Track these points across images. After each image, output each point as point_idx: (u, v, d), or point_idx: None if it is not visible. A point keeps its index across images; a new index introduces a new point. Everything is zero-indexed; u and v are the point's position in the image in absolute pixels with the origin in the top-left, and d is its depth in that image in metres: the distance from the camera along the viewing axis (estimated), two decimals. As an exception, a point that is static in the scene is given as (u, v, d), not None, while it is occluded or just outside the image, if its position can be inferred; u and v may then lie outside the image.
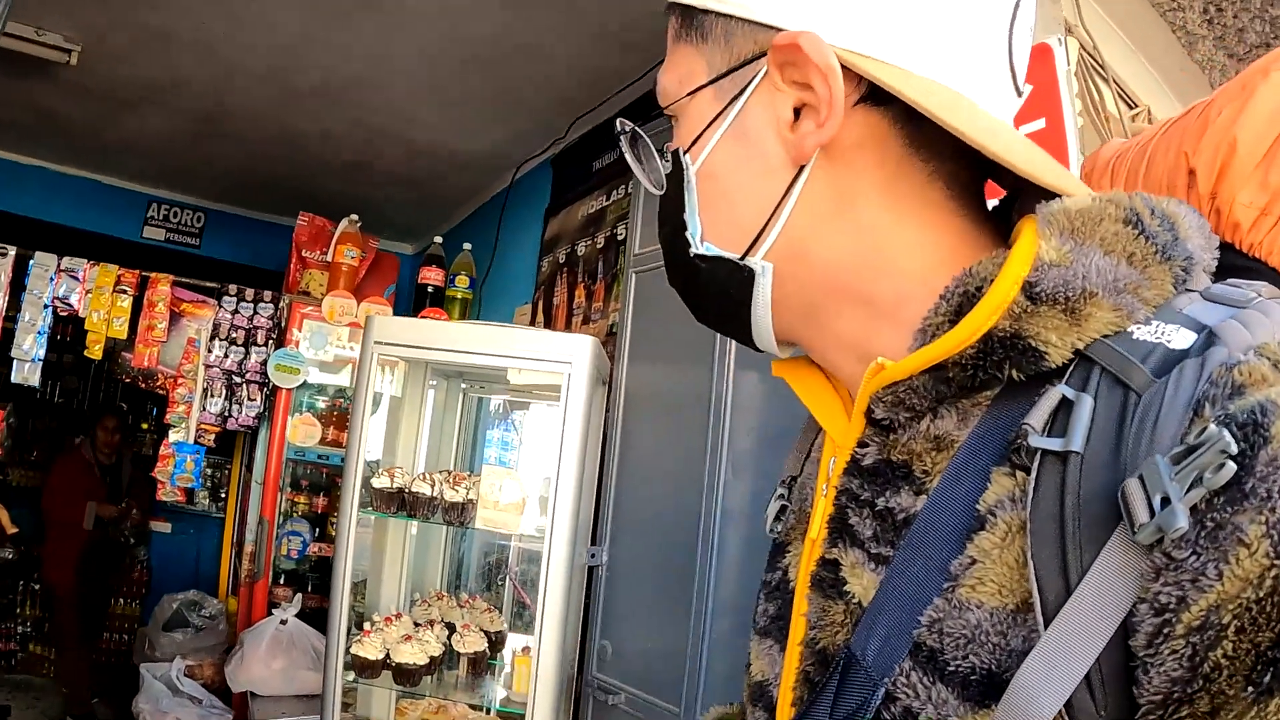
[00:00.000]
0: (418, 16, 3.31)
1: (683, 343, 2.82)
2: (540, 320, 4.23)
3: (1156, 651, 0.49)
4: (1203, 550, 0.48)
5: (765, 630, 0.83)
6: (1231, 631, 0.47)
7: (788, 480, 0.91)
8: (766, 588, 0.86)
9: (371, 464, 3.20)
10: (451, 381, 3.62)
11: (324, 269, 4.90)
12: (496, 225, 4.86)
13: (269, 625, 3.94)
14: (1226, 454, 0.48)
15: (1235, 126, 0.74)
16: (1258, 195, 0.72)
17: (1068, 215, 0.63)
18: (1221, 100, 0.78)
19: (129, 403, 7.17)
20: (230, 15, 3.43)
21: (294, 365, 4.42)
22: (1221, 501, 0.48)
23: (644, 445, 3.01)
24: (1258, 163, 0.73)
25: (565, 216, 4.19)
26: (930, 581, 0.60)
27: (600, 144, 3.95)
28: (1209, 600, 0.48)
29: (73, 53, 3.79)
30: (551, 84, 3.76)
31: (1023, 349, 0.60)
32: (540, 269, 4.36)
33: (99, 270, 4.46)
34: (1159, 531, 0.49)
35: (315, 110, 4.28)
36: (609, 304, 3.61)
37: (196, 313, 4.65)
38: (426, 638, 2.87)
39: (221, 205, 6.07)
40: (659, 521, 2.85)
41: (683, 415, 2.79)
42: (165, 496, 4.55)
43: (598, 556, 3.02)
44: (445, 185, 5.20)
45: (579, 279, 3.93)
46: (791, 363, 0.85)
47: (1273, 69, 0.75)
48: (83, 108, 4.55)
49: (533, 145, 4.42)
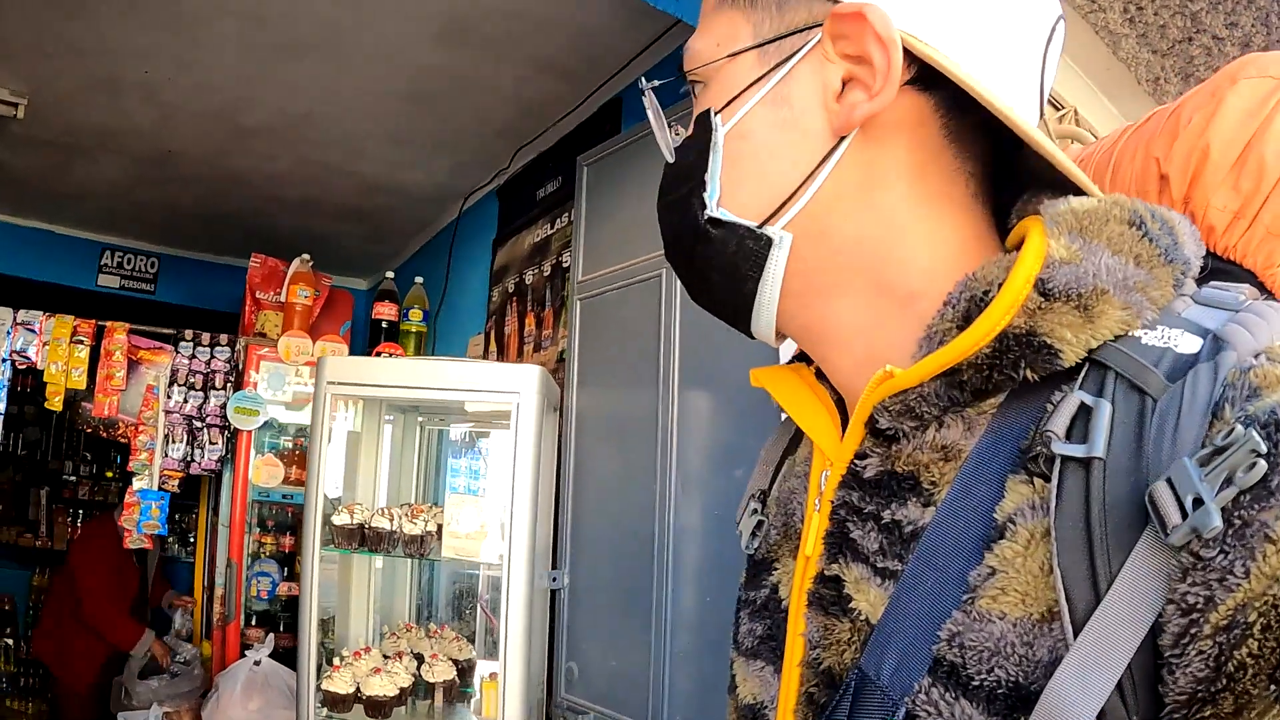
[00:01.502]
0: (358, 53, 3.35)
1: (629, 366, 2.87)
2: (494, 349, 4.27)
3: (1183, 652, 0.50)
4: (1230, 549, 0.48)
5: (754, 651, 0.81)
6: (1258, 630, 0.47)
7: (758, 494, 0.89)
8: (750, 606, 0.84)
9: (334, 501, 3.24)
10: (408, 415, 3.66)
11: (279, 309, 4.90)
12: (447, 257, 4.89)
13: (243, 667, 3.95)
14: (1257, 453, 0.48)
15: (1207, 133, 0.75)
16: (1231, 199, 0.74)
17: (1075, 215, 0.64)
18: (1190, 107, 0.79)
19: (92, 451, 7.14)
20: (175, 59, 3.46)
21: (253, 407, 4.44)
22: (1248, 500, 0.49)
23: (598, 469, 3.05)
24: (1230, 168, 0.74)
25: (512, 246, 4.24)
26: (946, 594, 0.60)
27: (543, 173, 4.01)
28: (1236, 599, 0.48)
29: (19, 105, 3.80)
30: (492, 115, 3.81)
31: (1038, 346, 0.60)
32: (491, 299, 4.40)
33: (55, 321, 4.46)
34: (1193, 532, 0.49)
35: (263, 149, 4.30)
36: (558, 331, 3.66)
37: (154, 359, 4.65)
38: (395, 669, 2.91)
39: (175, 250, 6.05)
40: (616, 542, 2.89)
41: (632, 437, 2.83)
42: (132, 544, 4.54)
43: (559, 580, 3.06)
44: (395, 219, 5.23)
45: (529, 307, 3.97)
46: (773, 372, 0.85)
47: (1240, 76, 0.76)
48: (33, 159, 4.55)
49: (478, 176, 4.46)
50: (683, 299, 2.64)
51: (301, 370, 4.51)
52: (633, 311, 2.88)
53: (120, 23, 3.20)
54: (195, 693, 4.56)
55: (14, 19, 3.19)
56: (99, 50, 3.42)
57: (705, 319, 0.84)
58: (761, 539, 0.85)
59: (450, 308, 4.86)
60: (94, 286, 5.82)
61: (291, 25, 3.18)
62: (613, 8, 2.94)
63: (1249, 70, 0.76)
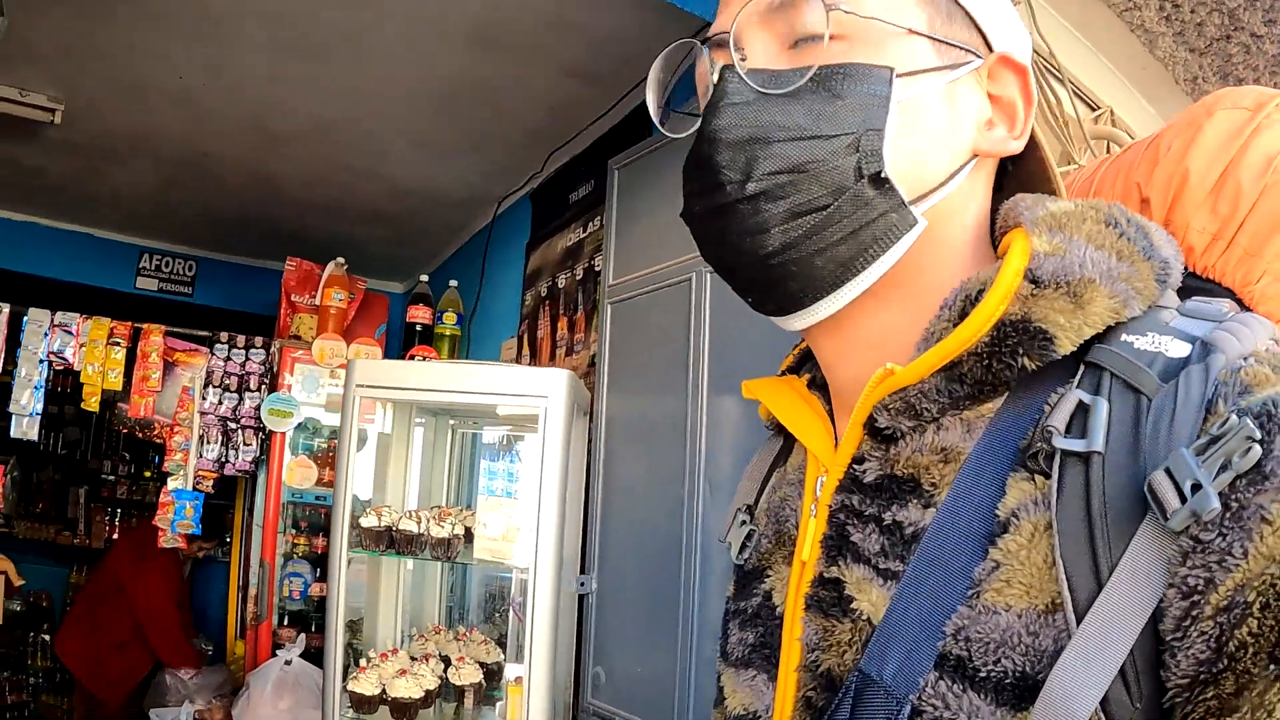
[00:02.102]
0: (388, 59, 3.38)
1: (658, 370, 2.87)
2: (526, 353, 4.28)
3: (1185, 635, 0.51)
4: (1228, 530, 0.51)
5: (744, 660, 0.82)
6: (1257, 609, 0.49)
7: (745, 508, 0.92)
8: (740, 616, 0.85)
9: (364, 502, 3.26)
10: (439, 418, 3.67)
11: (313, 312, 4.95)
12: (481, 261, 4.92)
13: (274, 666, 3.98)
14: (1252, 439, 0.51)
15: (1186, 159, 0.79)
16: (1209, 222, 0.77)
17: (1051, 215, 0.69)
18: (1170, 136, 0.83)
19: (131, 451, 7.21)
20: (206, 65, 3.51)
21: (287, 409, 4.47)
22: (1244, 484, 0.51)
23: (627, 473, 3.05)
24: (1208, 192, 0.78)
25: (545, 250, 4.25)
26: (951, 590, 0.61)
27: (575, 177, 4.02)
28: (1235, 579, 0.50)
29: (56, 111, 3.86)
30: (523, 119, 3.83)
31: (1034, 332, 0.63)
32: (524, 302, 4.42)
33: (92, 324, 4.52)
34: (1193, 515, 0.52)
35: (295, 154, 4.35)
36: (590, 335, 3.66)
37: (189, 361, 4.70)
38: (421, 672, 2.91)
39: (212, 253, 6.12)
40: (644, 547, 2.89)
41: (661, 442, 2.83)
42: (166, 544, 4.59)
43: (587, 584, 3.06)
44: (429, 223, 5.26)
45: (561, 311, 3.99)
46: (765, 383, 0.89)
47: (1217, 108, 0.80)
48: (70, 163, 4.63)
49: (512, 181, 4.48)
50: (713, 303, 2.63)
51: (336, 372, 4.53)
52: (662, 316, 2.87)
53: (151, 30, 3.26)
54: (226, 689, 4.60)
55: (48, 27, 3.25)
56: (131, 57, 3.47)
57: (734, 323, 0.82)
58: (752, 549, 0.87)
59: (484, 311, 4.89)
60: (133, 289, 5.90)
61: (320, 31, 3.21)
62: (639, 12, 2.95)
63: (1225, 103, 0.81)
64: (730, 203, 0.71)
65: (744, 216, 0.71)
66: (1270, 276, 0.74)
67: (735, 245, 0.72)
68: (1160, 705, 0.53)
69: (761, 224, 0.70)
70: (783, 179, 0.69)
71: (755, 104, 0.71)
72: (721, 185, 0.71)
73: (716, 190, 0.71)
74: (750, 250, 0.71)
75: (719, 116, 0.71)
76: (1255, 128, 0.77)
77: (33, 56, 3.49)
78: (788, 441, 0.93)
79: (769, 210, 0.70)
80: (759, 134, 0.70)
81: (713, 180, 0.71)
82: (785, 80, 0.71)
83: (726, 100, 0.72)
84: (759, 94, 0.71)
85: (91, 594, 5.40)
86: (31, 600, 6.21)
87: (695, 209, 0.75)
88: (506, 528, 2.92)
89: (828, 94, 0.70)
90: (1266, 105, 0.79)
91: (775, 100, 0.71)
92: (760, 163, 0.70)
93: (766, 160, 0.69)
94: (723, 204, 0.71)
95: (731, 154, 0.71)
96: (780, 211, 0.70)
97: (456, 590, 3.85)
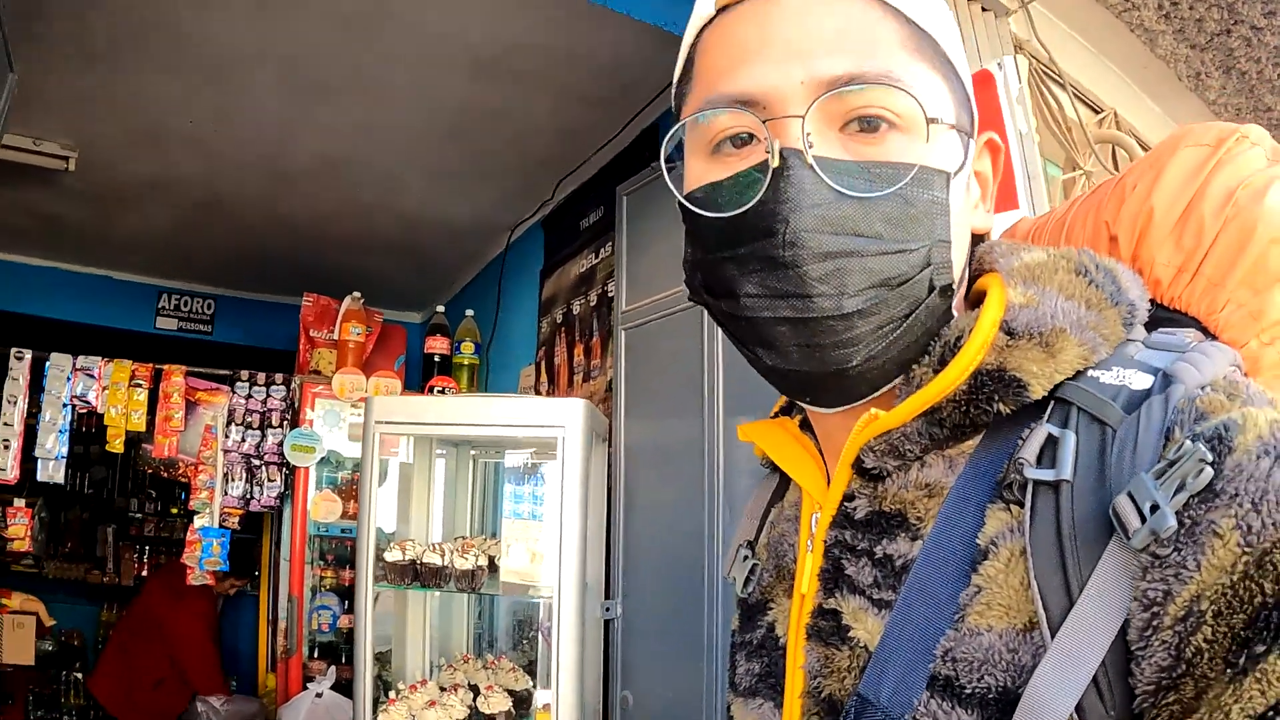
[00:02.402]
0: (393, 93, 3.42)
1: (674, 395, 2.89)
2: (544, 380, 4.30)
3: (1147, 644, 0.55)
4: (1183, 546, 0.54)
5: (752, 690, 0.85)
6: (1210, 616, 0.52)
7: (746, 544, 0.95)
8: (747, 648, 0.87)
9: (388, 536, 3.28)
10: (460, 449, 3.70)
11: (332, 347, 4.99)
12: (497, 289, 4.95)
13: (305, 699, 4.00)
14: (1204, 462, 0.55)
15: (1151, 197, 0.82)
16: (1174, 256, 0.80)
17: (1026, 267, 0.73)
18: (1135, 175, 0.86)
19: (157, 489, 7.26)
20: (215, 109, 3.56)
21: (309, 444, 4.51)
22: (1197, 502, 0.55)
23: (647, 498, 3.07)
24: (1172, 227, 0.80)
25: (559, 277, 4.28)
26: (939, 616, 0.64)
27: (585, 203, 4.04)
28: (1191, 590, 0.53)
29: (70, 159, 3.93)
30: (531, 147, 3.86)
31: (1008, 380, 0.67)
32: (541, 329, 4.44)
33: (114, 366, 4.57)
34: (1152, 534, 0.55)
35: (308, 190, 4.39)
36: (606, 360, 3.68)
37: (211, 400, 4.74)
38: (450, 702, 2.92)
39: (230, 290, 6.16)
40: (667, 572, 2.90)
41: (680, 466, 2.85)
42: (195, 580, 4.62)
43: (612, 610, 3.08)
44: (444, 253, 5.29)
45: (577, 337, 4.01)
46: (760, 426, 0.92)
47: (1181, 146, 0.83)
48: (85, 209, 4.69)
49: (523, 208, 4.51)
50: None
51: (357, 405, 4.56)
52: (676, 340, 2.90)
53: (161, 77, 3.31)
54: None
55: (60, 76, 3.31)
56: (142, 104, 3.53)
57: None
58: (755, 583, 0.90)
59: (502, 339, 4.91)
60: (153, 329, 5.94)
61: (326, 70, 3.26)
62: (638, 38, 2.96)
63: (1187, 140, 0.84)
64: (821, 318, 0.69)
65: (835, 333, 0.69)
66: (1233, 305, 0.77)
67: (820, 359, 0.71)
68: (1131, 710, 0.55)
69: (852, 339, 0.69)
70: (872, 295, 0.68)
71: (833, 204, 0.68)
72: (811, 298, 0.68)
73: (803, 301, 0.69)
74: (834, 362, 0.70)
75: (799, 216, 0.67)
76: (1216, 163, 0.80)
77: (46, 106, 3.54)
78: (783, 479, 0.96)
79: (861, 327, 0.69)
80: (849, 247, 0.68)
81: (798, 290, 0.68)
82: (862, 182, 0.69)
83: (805, 196, 0.67)
84: (837, 194, 0.68)
85: (125, 632, 5.41)
86: (63, 639, 6.23)
87: (761, 314, 0.71)
88: (532, 552, 2.94)
89: (901, 200, 0.69)
90: (1226, 140, 0.81)
91: (853, 202, 0.68)
92: (853, 276, 0.68)
93: (859, 275, 0.68)
94: (810, 318, 0.69)
95: (821, 266, 0.68)
96: (870, 328, 0.69)
97: (485, 618, 3.87)
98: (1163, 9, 2.86)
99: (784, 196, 0.67)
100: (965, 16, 2.34)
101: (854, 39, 0.70)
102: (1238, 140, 0.81)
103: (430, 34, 3.02)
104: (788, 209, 0.67)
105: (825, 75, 0.69)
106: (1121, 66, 3.10)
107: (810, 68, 0.69)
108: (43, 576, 6.65)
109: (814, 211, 0.67)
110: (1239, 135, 0.81)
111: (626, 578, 3.10)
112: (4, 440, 4.37)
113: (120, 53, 3.15)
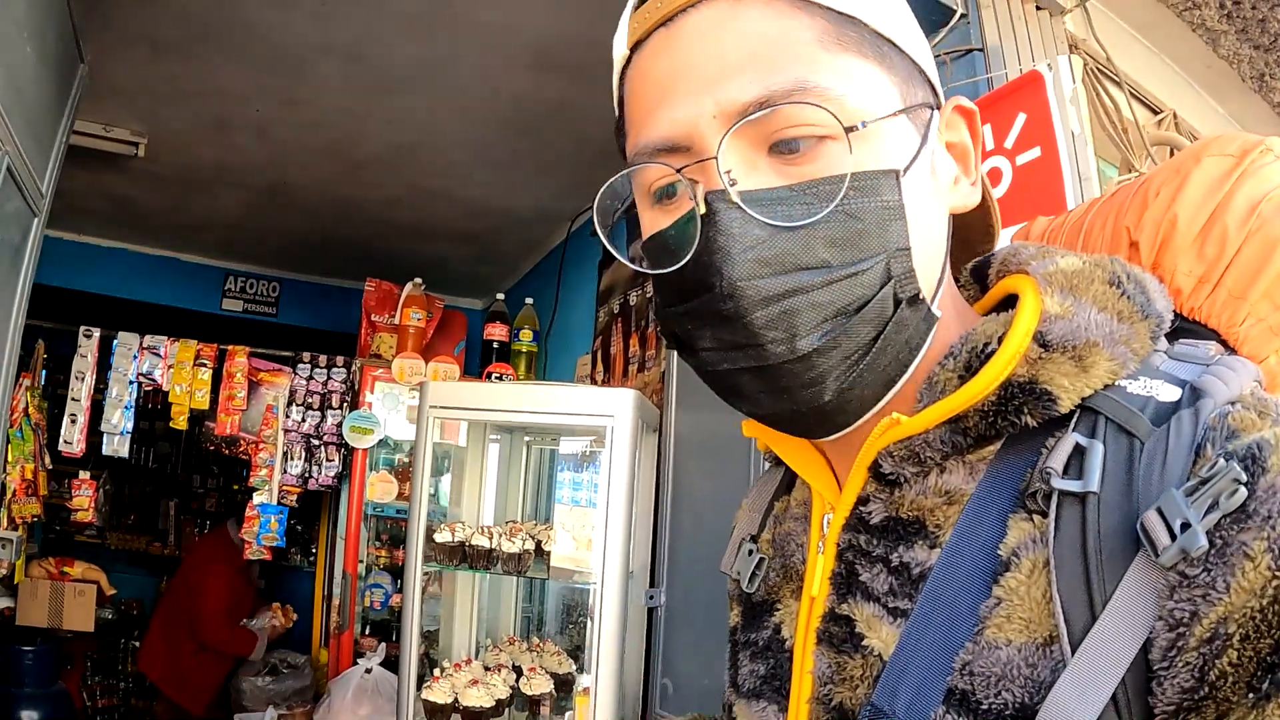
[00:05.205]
0: (455, 85, 3.48)
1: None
2: (600, 369, 4.35)
3: (1171, 664, 0.53)
4: (1213, 566, 0.53)
5: (755, 692, 0.83)
6: (1237, 640, 0.51)
7: (749, 538, 0.92)
8: (751, 647, 0.85)
9: (442, 516, 3.35)
10: (514, 435, 3.76)
11: (393, 331, 5.08)
12: (557, 278, 4.99)
13: (354, 674, 4.08)
14: (1238, 482, 0.53)
15: (1174, 205, 0.80)
16: (1195, 265, 0.78)
17: (1064, 275, 0.70)
18: (1158, 182, 0.84)
19: (220, 465, 7.41)
20: (282, 98, 3.65)
21: (368, 426, 4.60)
22: (1229, 523, 0.53)
23: (695, 488, 3.09)
24: (1195, 236, 0.79)
25: (617, 267, 4.32)
26: (958, 628, 0.62)
27: (644, 194, 4.05)
28: (1219, 612, 0.52)
29: (139, 144, 4.06)
30: (591, 138, 3.88)
31: (1039, 394, 0.64)
32: (598, 319, 4.49)
33: (179, 346, 4.71)
34: (1181, 552, 0.53)
35: (372, 178, 4.47)
36: (660, 351, 3.72)
37: (273, 380, 4.86)
38: (493, 681, 2.98)
39: (295, 274, 6.29)
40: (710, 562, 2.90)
41: (728, 457, 2.85)
42: (252, 555, 4.74)
43: (656, 598, 3.11)
44: (506, 242, 5.35)
45: (632, 328, 4.05)
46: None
47: (1204, 155, 0.82)
48: (155, 192, 4.81)
49: (584, 198, 4.53)
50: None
51: (415, 389, 4.63)
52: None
53: (229, 67, 3.40)
54: (307, 695, 4.73)
55: (130, 65, 3.42)
56: (210, 92, 3.63)
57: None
58: (761, 579, 0.87)
59: (560, 328, 4.96)
60: (219, 310, 6.08)
61: (389, 63, 3.32)
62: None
63: (1212, 149, 0.82)
64: (778, 365, 0.66)
65: (796, 375, 0.67)
66: (1254, 319, 0.76)
67: (789, 401, 0.68)
68: None
69: (816, 378, 0.66)
70: (828, 328, 0.65)
71: (769, 241, 0.65)
72: (762, 346, 0.66)
73: (755, 351, 0.66)
74: (806, 402, 0.68)
75: (732, 266, 0.64)
76: (1240, 174, 0.79)
77: (116, 94, 3.66)
78: (788, 474, 0.93)
79: (823, 364, 0.66)
80: (793, 285, 0.65)
81: (748, 340, 0.66)
82: (798, 208, 0.66)
83: (735, 242, 0.65)
84: (771, 229, 0.65)
85: (167, 605, 5.55)
86: (123, 608, 6.39)
87: (720, 366, 0.70)
88: (584, 539, 2.98)
89: (844, 215, 0.66)
90: (1251, 152, 0.79)
91: (788, 234, 0.65)
92: (802, 315, 0.65)
93: (809, 312, 0.65)
94: (765, 365, 0.67)
95: (766, 311, 0.65)
96: (834, 362, 0.66)
97: (534, 602, 3.93)
98: (1224, 8, 2.81)
99: (715, 246, 0.65)
100: (1019, 15, 2.34)
101: (762, 54, 0.67)
102: (1262, 152, 0.79)
103: (490, 28, 3.07)
104: (719, 259, 0.64)
105: (735, 104, 0.66)
106: (1183, 66, 3.04)
107: (720, 97, 0.67)
108: (105, 547, 6.84)
109: (748, 255, 0.64)
110: (1264, 148, 0.80)
111: (672, 567, 3.12)
112: (71, 415, 4.52)
113: (189, 43, 3.24)
